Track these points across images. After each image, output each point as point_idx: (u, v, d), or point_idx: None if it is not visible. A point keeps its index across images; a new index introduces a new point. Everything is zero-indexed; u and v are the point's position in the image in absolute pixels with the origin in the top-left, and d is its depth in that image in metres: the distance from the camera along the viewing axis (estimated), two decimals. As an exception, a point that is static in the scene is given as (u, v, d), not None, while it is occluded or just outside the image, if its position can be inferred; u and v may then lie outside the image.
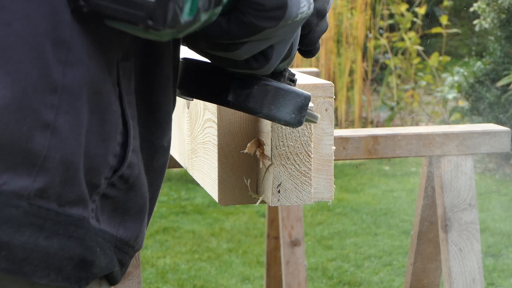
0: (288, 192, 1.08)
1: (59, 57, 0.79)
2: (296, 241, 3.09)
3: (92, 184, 0.83)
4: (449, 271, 1.89)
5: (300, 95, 0.95)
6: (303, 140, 1.08)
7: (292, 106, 0.95)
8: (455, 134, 1.92)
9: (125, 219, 0.89)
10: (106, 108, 0.83)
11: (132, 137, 0.87)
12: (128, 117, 0.87)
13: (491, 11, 6.33)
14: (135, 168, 0.88)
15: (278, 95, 0.94)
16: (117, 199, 0.87)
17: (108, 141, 0.84)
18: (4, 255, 0.76)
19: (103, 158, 0.83)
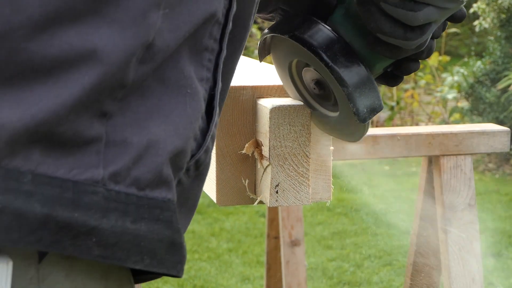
0: (286, 192, 1.08)
1: None
2: (296, 241, 3.09)
3: (178, 167, 0.79)
4: (449, 271, 1.89)
5: (379, 99, 0.93)
6: (301, 140, 1.08)
7: (370, 102, 0.93)
8: (454, 134, 1.92)
9: (180, 211, 0.84)
10: (180, 91, 0.79)
11: (214, 124, 0.83)
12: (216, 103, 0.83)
13: (491, 11, 6.33)
14: (209, 154, 0.84)
15: (367, 84, 0.92)
16: (184, 186, 0.83)
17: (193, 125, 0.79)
18: (95, 241, 0.73)
19: (187, 142, 0.79)
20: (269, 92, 1.14)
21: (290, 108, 1.06)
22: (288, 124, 1.07)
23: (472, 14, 7.16)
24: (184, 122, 0.78)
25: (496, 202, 5.44)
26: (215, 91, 0.83)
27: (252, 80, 1.17)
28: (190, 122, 0.79)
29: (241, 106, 1.13)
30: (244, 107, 1.13)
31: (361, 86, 0.92)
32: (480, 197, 5.50)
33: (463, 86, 6.52)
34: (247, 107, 1.13)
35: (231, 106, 1.13)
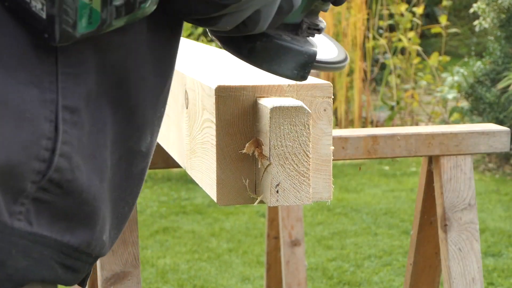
0: (287, 192, 1.08)
1: None
2: (296, 241, 3.09)
3: (14, 188, 0.85)
4: (449, 271, 1.89)
5: (303, 53, 0.98)
6: (302, 140, 1.08)
7: (294, 63, 0.98)
8: (454, 134, 1.92)
9: (72, 225, 0.90)
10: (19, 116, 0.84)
11: (61, 142, 0.87)
12: (59, 122, 0.87)
13: (491, 11, 6.33)
14: (65, 173, 0.88)
15: (279, 52, 0.97)
16: (55, 203, 0.88)
17: (30, 148, 0.85)
18: None
19: (25, 164, 0.84)
20: (269, 92, 1.14)
21: (290, 108, 1.07)
22: (289, 123, 1.07)
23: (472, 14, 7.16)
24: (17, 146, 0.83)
25: (496, 202, 5.44)
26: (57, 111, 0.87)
27: (252, 80, 1.17)
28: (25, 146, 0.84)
29: (242, 106, 1.13)
30: (244, 107, 1.13)
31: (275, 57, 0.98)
32: (480, 197, 5.50)
33: (463, 86, 6.52)
34: (248, 107, 1.13)
35: (232, 106, 1.13)
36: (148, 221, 5.11)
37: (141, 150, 0.98)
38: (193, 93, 1.27)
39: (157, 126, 1.01)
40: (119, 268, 1.75)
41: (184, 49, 1.92)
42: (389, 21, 7.78)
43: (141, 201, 5.51)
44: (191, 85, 1.29)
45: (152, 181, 6.01)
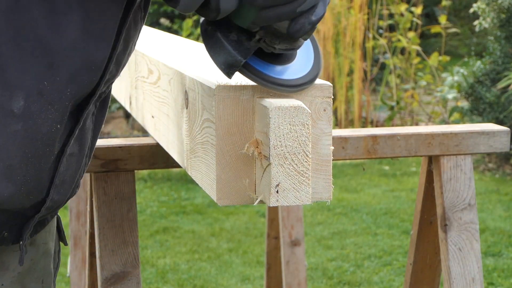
0: (287, 192, 1.08)
1: None
2: (296, 241, 3.09)
3: None
4: (449, 271, 1.89)
5: (232, 55, 1.06)
6: (301, 140, 1.08)
7: (224, 59, 1.06)
8: (454, 134, 1.92)
9: None
10: None
11: None
12: None
13: (491, 11, 6.32)
14: None
15: (216, 44, 1.06)
16: None
17: None
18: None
19: None
20: (269, 92, 1.14)
21: (290, 108, 1.06)
22: (289, 123, 1.07)
23: (472, 14, 7.16)
24: None
25: (496, 202, 5.44)
26: None
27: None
28: None
29: (242, 106, 1.13)
30: (244, 107, 1.13)
31: (213, 46, 1.08)
32: (480, 197, 5.50)
33: (463, 86, 6.51)
34: (248, 107, 1.13)
35: (232, 106, 1.13)
36: (148, 221, 5.11)
37: (12, 110, 1.00)
38: (193, 93, 1.27)
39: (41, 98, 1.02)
40: (119, 268, 1.75)
41: (184, 49, 1.92)
42: (389, 21, 7.78)
43: (141, 201, 5.51)
44: (191, 85, 1.29)
45: (152, 181, 6.00)
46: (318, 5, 1.03)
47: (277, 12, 1.01)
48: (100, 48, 1.04)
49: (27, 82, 1.01)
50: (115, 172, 1.79)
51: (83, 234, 3.35)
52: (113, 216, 1.76)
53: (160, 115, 1.62)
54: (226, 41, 1.06)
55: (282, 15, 1.01)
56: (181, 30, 7.69)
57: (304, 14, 1.02)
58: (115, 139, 1.86)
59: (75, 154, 1.10)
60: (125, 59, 1.12)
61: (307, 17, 1.02)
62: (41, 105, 1.02)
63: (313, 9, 1.03)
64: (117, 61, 1.09)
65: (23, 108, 1.01)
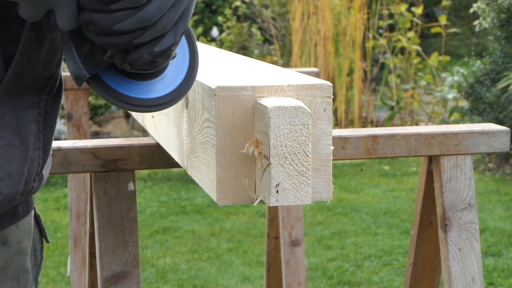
0: (287, 192, 1.08)
1: None
2: (296, 241, 3.09)
3: None
4: (449, 271, 1.89)
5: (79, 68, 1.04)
6: (301, 140, 1.08)
7: (72, 69, 1.05)
8: (454, 134, 1.92)
9: None
10: None
11: None
12: None
13: (491, 11, 6.32)
14: None
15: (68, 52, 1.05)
16: None
17: None
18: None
19: None
20: (269, 92, 1.14)
21: (290, 108, 1.06)
22: (289, 123, 1.07)
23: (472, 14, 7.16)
24: None
25: (496, 202, 5.44)
26: None
27: (252, 80, 1.17)
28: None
29: (242, 106, 1.13)
30: (244, 107, 1.13)
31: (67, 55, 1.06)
32: (480, 197, 5.50)
33: (463, 86, 6.52)
34: (248, 107, 1.13)
35: (232, 106, 1.13)
36: (148, 221, 5.11)
37: None
38: (193, 93, 1.27)
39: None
40: (119, 268, 1.75)
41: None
42: (389, 21, 7.78)
43: (141, 201, 5.51)
44: (191, 85, 1.29)
45: (152, 181, 6.00)
46: (165, 35, 0.99)
47: (112, 41, 0.99)
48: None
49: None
50: (115, 172, 1.79)
51: (83, 234, 3.35)
52: (113, 216, 1.76)
53: (160, 115, 1.62)
54: (76, 51, 1.04)
55: (117, 44, 0.99)
56: (181, 30, 7.68)
57: (145, 45, 0.99)
58: (115, 139, 1.86)
59: (14, 145, 1.09)
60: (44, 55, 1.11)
61: (147, 48, 0.99)
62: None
63: (158, 40, 0.99)
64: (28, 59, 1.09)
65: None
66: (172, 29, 0.99)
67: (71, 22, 0.99)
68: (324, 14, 7.08)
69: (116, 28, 0.97)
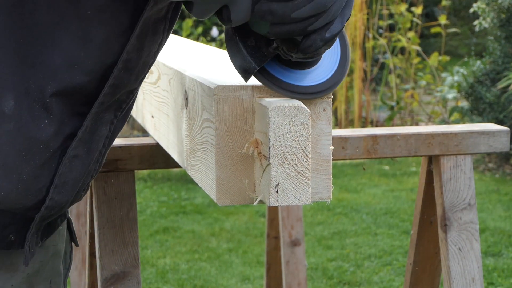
0: (286, 192, 1.07)
1: None
2: (296, 241, 3.09)
3: None
4: (449, 271, 1.89)
5: (248, 62, 1.07)
6: (301, 140, 1.08)
7: (240, 63, 1.08)
8: (454, 134, 1.92)
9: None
10: None
11: None
12: None
13: (491, 11, 6.32)
14: None
15: (234, 47, 1.08)
16: None
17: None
18: None
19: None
20: (269, 92, 1.14)
21: (290, 108, 1.06)
22: (288, 123, 1.07)
23: (472, 14, 7.16)
24: None
25: (496, 202, 5.44)
26: None
27: (252, 80, 1.17)
28: None
29: (241, 106, 1.13)
30: (244, 107, 1.13)
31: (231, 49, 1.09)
32: (480, 197, 5.50)
33: (463, 86, 6.51)
34: (247, 107, 1.13)
35: (231, 106, 1.13)
36: (148, 221, 5.11)
37: (3, 111, 1.03)
38: (193, 93, 1.27)
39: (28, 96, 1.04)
40: (119, 268, 1.75)
41: (184, 49, 1.92)
42: (389, 21, 7.78)
43: (141, 201, 5.51)
44: (190, 85, 1.29)
45: (152, 181, 6.00)
46: (334, 21, 1.03)
47: (288, 29, 1.02)
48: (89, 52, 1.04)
49: (15, 82, 1.03)
50: (115, 172, 1.79)
51: (83, 234, 3.35)
52: (113, 216, 1.76)
53: (160, 115, 1.62)
54: (243, 45, 1.08)
55: (292, 32, 1.02)
56: (181, 30, 7.70)
57: (317, 31, 1.03)
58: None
59: (80, 157, 1.10)
60: (139, 68, 1.12)
61: (320, 34, 1.03)
62: (29, 103, 1.04)
63: (328, 25, 1.03)
64: (127, 68, 1.09)
65: (14, 108, 1.03)
66: (340, 15, 1.03)
67: (246, 14, 1.02)
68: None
69: (294, 16, 0.99)
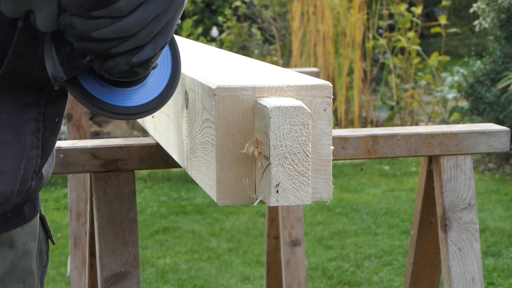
0: (287, 192, 1.08)
1: None
2: (296, 241, 3.09)
3: None
4: (449, 271, 1.89)
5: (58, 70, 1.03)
6: (301, 140, 1.08)
7: (50, 69, 1.03)
8: (454, 134, 1.92)
9: None
10: None
11: None
12: None
13: (491, 11, 6.32)
14: None
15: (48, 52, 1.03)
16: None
17: None
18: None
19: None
20: (269, 92, 1.14)
21: (290, 108, 1.06)
22: (289, 123, 1.07)
23: (472, 14, 7.16)
24: None
25: (496, 202, 5.44)
26: None
27: (252, 80, 1.17)
28: None
29: (242, 106, 1.13)
30: (244, 107, 1.13)
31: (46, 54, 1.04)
32: (480, 197, 5.50)
33: (463, 86, 6.52)
34: (248, 107, 1.13)
35: (232, 106, 1.13)
36: (148, 221, 5.11)
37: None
38: (193, 93, 1.27)
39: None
40: (119, 268, 1.75)
41: (183, 49, 1.92)
42: (389, 21, 7.78)
43: (141, 201, 5.51)
44: (191, 85, 1.29)
45: (152, 181, 6.00)
46: (144, 47, 0.98)
47: (89, 47, 0.98)
48: None
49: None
50: (115, 172, 1.79)
51: (83, 234, 3.35)
52: (113, 216, 1.76)
53: (160, 115, 1.62)
54: (56, 52, 1.03)
55: (94, 50, 0.98)
56: (181, 30, 7.70)
57: (123, 54, 0.98)
58: (115, 139, 1.86)
59: (8, 143, 1.08)
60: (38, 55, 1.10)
61: (125, 57, 0.98)
62: None
63: (136, 50, 0.98)
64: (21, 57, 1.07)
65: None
66: (152, 41, 0.99)
67: (50, 23, 0.99)
68: (324, 14, 7.08)
69: (94, 35, 0.96)
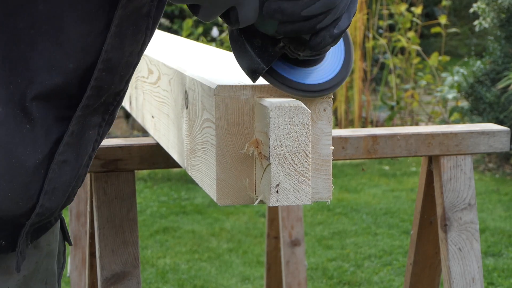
0: (287, 192, 1.07)
1: None
2: (296, 241, 3.09)
3: None
4: (449, 271, 1.89)
5: (256, 62, 1.07)
6: (301, 140, 1.08)
7: (247, 64, 1.08)
8: (454, 134, 1.92)
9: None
10: None
11: None
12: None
13: (491, 11, 6.32)
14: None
15: (241, 48, 1.07)
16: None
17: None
18: None
19: None
20: (269, 92, 1.14)
21: (290, 108, 1.06)
22: (289, 123, 1.07)
23: (472, 14, 7.16)
24: None
25: (496, 202, 5.44)
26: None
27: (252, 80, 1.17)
28: None
29: (242, 106, 1.13)
30: (244, 107, 1.13)
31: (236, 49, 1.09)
32: (480, 197, 5.50)
33: (463, 86, 6.51)
34: (248, 107, 1.13)
35: (232, 106, 1.13)
36: (148, 221, 5.11)
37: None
38: (193, 93, 1.27)
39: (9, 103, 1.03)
40: (119, 268, 1.75)
41: (184, 49, 1.92)
42: (389, 21, 7.78)
43: (141, 201, 5.51)
44: (191, 85, 1.29)
45: (152, 181, 6.00)
46: (341, 17, 1.03)
47: (296, 28, 1.02)
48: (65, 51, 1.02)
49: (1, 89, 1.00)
50: (115, 172, 1.79)
51: (83, 234, 3.35)
52: (113, 216, 1.76)
53: (160, 115, 1.62)
54: (250, 46, 1.07)
55: (301, 30, 1.02)
56: (181, 30, 7.69)
57: (326, 28, 1.03)
58: (115, 139, 1.86)
59: (69, 162, 1.08)
60: (121, 68, 1.10)
61: (328, 30, 1.03)
62: (13, 109, 1.02)
63: (336, 22, 1.03)
64: (108, 69, 1.07)
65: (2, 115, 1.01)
66: (347, 10, 1.03)
67: (254, 15, 1.02)
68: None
69: (304, 14, 0.99)
